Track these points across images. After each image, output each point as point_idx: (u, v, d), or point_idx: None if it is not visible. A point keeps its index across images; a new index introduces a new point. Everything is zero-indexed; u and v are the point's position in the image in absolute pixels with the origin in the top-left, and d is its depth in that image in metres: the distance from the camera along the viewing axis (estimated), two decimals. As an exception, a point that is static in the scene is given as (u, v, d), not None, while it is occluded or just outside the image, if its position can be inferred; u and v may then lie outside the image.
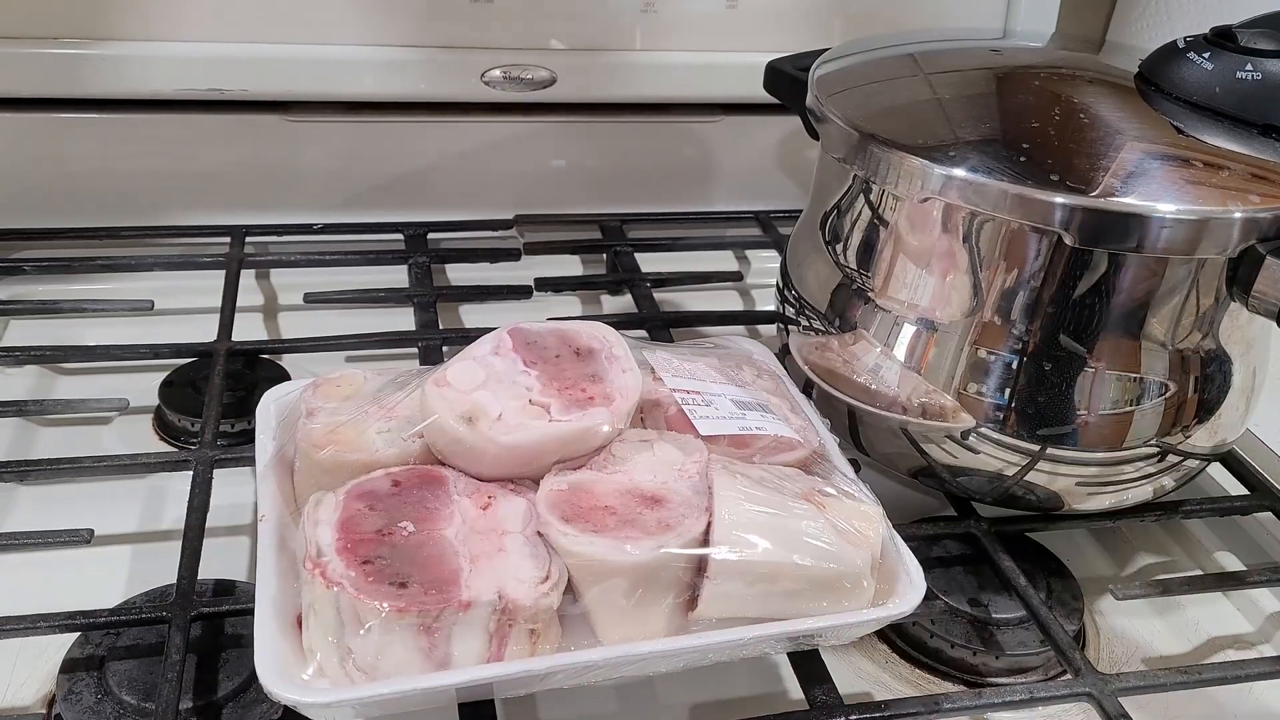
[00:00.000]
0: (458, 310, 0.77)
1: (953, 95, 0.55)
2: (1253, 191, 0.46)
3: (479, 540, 0.41)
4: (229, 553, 0.53)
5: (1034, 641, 0.51)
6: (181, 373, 0.65)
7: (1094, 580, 0.59)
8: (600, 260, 0.82)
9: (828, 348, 0.56)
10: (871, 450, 0.56)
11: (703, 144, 0.85)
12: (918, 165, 0.48)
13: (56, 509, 0.56)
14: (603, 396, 0.45)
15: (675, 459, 0.44)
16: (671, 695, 0.50)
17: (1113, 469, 0.52)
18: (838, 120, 0.52)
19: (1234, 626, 0.57)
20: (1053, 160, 0.47)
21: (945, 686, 0.51)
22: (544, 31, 0.76)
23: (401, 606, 0.37)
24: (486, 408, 0.43)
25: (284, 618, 0.40)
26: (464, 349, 0.47)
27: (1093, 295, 0.48)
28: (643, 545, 0.40)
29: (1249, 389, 0.54)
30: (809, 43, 0.63)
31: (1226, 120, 0.50)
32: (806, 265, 0.59)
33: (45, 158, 0.75)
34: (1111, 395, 0.50)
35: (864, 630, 0.44)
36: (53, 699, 0.46)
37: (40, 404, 0.63)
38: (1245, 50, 0.50)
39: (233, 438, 0.60)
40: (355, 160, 0.79)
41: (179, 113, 0.75)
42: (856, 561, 0.42)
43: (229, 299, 0.68)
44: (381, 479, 0.43)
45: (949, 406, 0.51)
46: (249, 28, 0.72)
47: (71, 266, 0.72)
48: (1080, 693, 0.46)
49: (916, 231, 0.51)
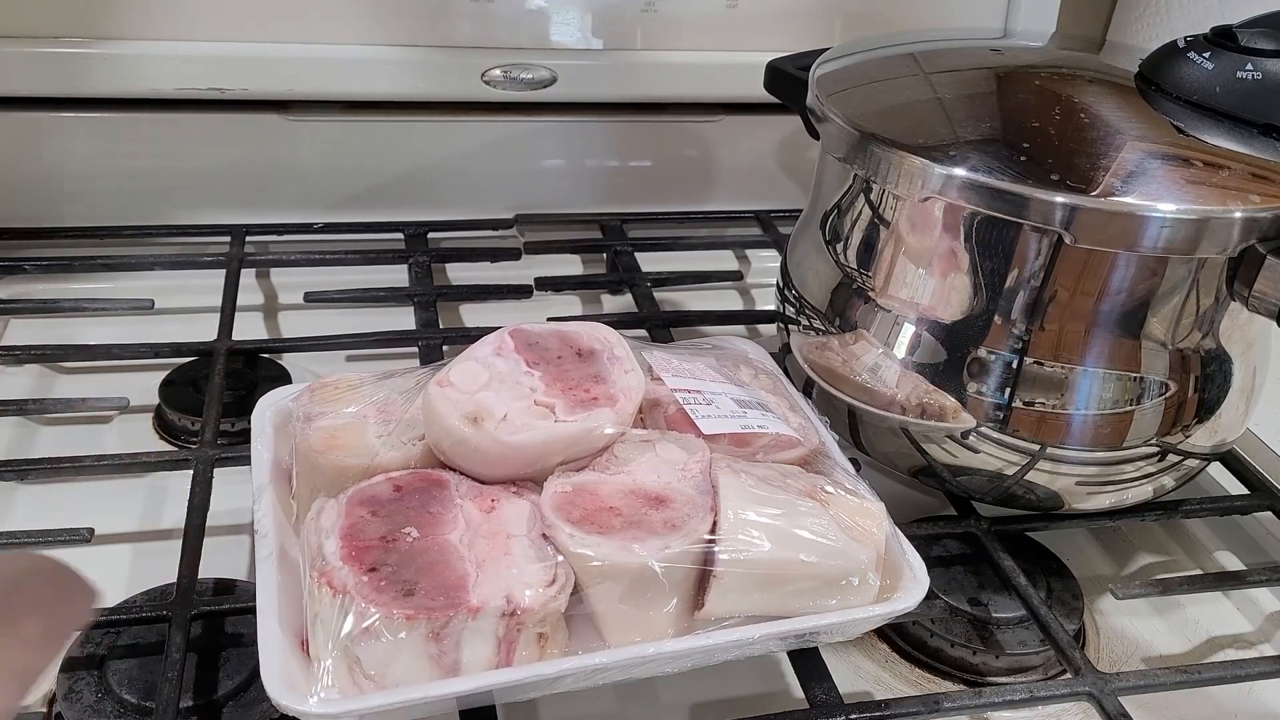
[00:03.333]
0: (458, 310, 0.77)
1: (953, 95, 0.55)
2: (1253, 191, 0.46)
3: (484, 544, 0.41)
4: (229, 552, 0.53)
5: (1034, 641, 0.51)
6: (182, 372, 0.65)
7: (1094, 580, 0.59)
8: (600, 260, 0.82)
9: (828, 347, 0.56)
10: (871, 449, 0.56)
11: (703, 144, 0.85)
12: (918, 165, 0.48)
13: (57, 508, 0.56)
14: (606, 397, 0.45)
15: (678, 458, 0.44)
16: (672, 694, 0.50)
17: (1113, 468, 0.52)
18: (838, 120, 0.52)
19: (1234, 626, 0.57)
20: (1053, 160, 0.47)
21: (945, 686, 0.51)
22: (544, 31, 0.76)
23: (409, 613, 0.37)
24: (491, 408, 0.43)
25: (288, 627, 0.40)
26: (465, 350, 0.47)
27: (1093, 295, 0.48)
28: (649, 546, 0.40)
29: (1249, 389, 0.54)
30: (809, 42, 0.63)
31: (1226, 120, 0.50)
32: (807, 265, 0.59)
33: (45, 158, 0.75)
34: (1111, 395, 0.50)
35: (870, 626, 0.45)
36: (53, 698, 0.46)
37: (40, 403, 0.63)
38: (1245, 50, 0.50)
39: (233, 437, 0.60)
40: (356, 159, 0.79)
41: (179, 112, 0.75)
42: (861, 558, 0.42)
43: (229, 298, 0.68)
44: (383, 484, 0.43)
45: (949, 406, 0.51)
46: (249, 27, 0.72)
47: (71, 266, 0.72)
48: (1080, 692, 0.47)
49: (917, 231, 0.51)
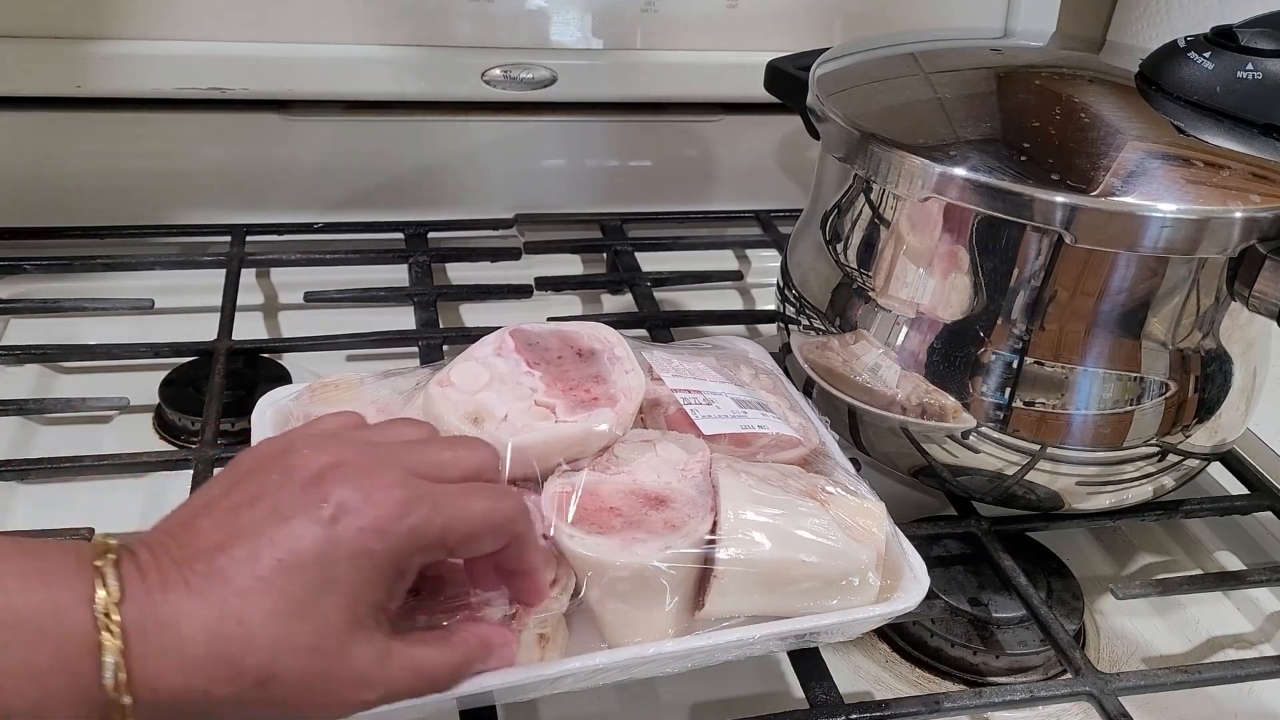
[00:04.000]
0: (458, 309, 0.77)
1: (953, 95, 0.55)
2: (1253, 191, 0.46)
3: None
4: (230, 552, 0.53)
5: (1034, 641, 0.51)
6: (182, 371, 0.65)
7: (1094, 580, 0.59)
8: (600, 259, 0.82)
9: (828, 347, 0.56)
10: (872, 449, 0.56)
11: (703, 144, 0.85)
12: (918, 164, 0.48)
13: (56, 508, 0.56)
14: (607, 397, 0.45)
15: (678, 458, 0.44)
16: (672, 694, 0.50)
17: (1113, 468, 0.52)
18: (838, 120, 0.52)
19: (1234, 626, 0.57)
20: (1053, 160, 0.47)
21: (945, 686, 0.51)
22: (544, 31, 0.76)
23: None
24: (492, 408, 0.43)
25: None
26: (465, 350, 0.47)
27: (1093, 295, 0.48)
28: (649, 546, 0.40)
29: (1249, 389, 0.54)
30: (809, 42, 0.63)
31: (1227, 120, 0.50)
32: (807, 265, 0.59)
33: (45, 157, 0.75)
34: (1112, 395, 0.50)
35: (871, 625, 0.44)
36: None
37: (40, 403, 0.63)
38: (1246, 50, 0.50)
39: (233, 437, 0.60)
40: (356, 159, 0.79)
41: (179, 112, 0.75)
42: (862, 558, 0.42)
43: (229, 298, 0.68)
44: None
45: (949, 406, 0.51)
46: (249, 27, 0.72)
47: (71, 265, 0.72)
48: (1080, 692, 0.47)
49: (917, 231, 0.51)
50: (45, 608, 0.29)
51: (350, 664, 0.32)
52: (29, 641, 0.28)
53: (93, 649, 0.29)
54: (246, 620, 0.30)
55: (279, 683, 0.31)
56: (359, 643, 0.32)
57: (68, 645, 0.29)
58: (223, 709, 0.30)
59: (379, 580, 0.33)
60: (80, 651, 0.29)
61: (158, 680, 0.29)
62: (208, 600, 0.30)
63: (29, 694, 0.28)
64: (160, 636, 0.30)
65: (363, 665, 0.32)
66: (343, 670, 0.32)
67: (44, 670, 0.28)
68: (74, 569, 0.30)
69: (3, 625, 0.28)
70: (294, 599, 0.31)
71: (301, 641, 0.31)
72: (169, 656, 0.30)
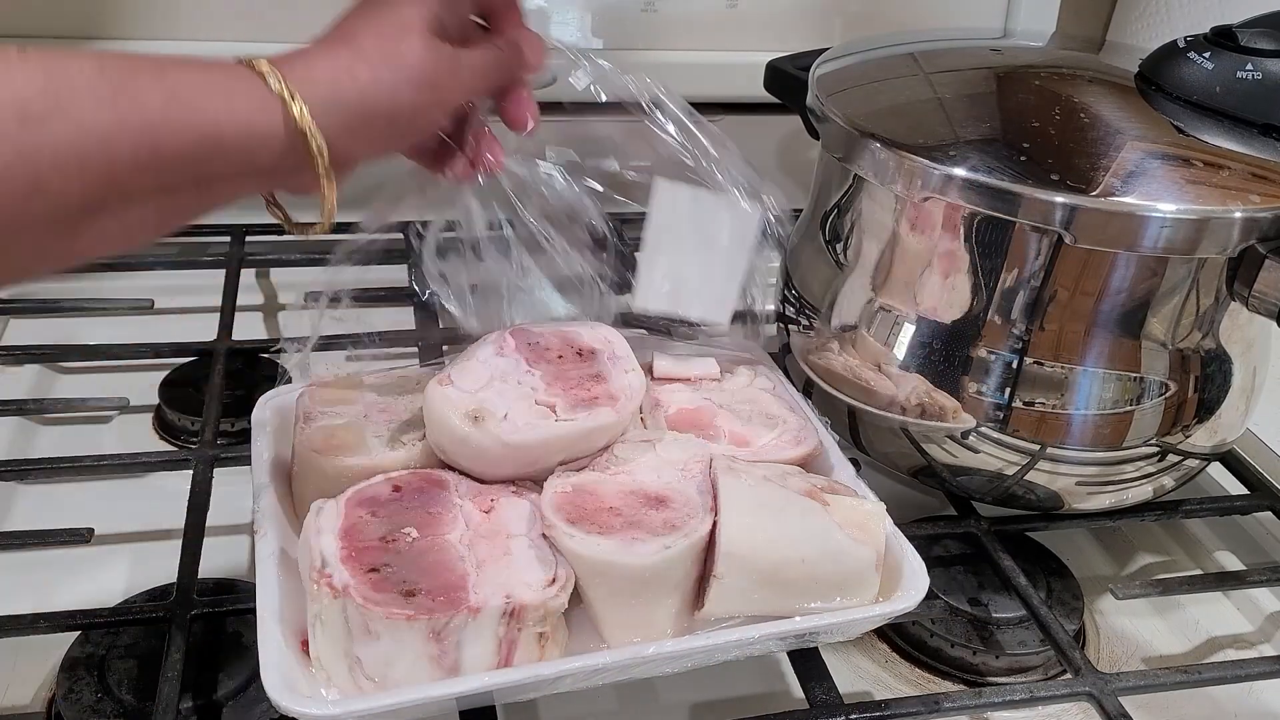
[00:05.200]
0: (458, 309, 0.76)
1: (953, 95, 0.55)
2: (1253, 191, 0.46)
3: (484, 544, 0.41)
4: (229, 552, 0.53)
5: (1034, 641, 0.51)
6: (181, 371, 0.65)
7: (1094, 580, 0.59)
8: (600, 259, 0.82)
9: (828, 347, 0.56)
10: (871, 450, 0.56)
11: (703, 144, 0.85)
12: (918, 165, 0.48)
13: (57, 508, 0.56)
14: (607, 396, 0.45)
15: (678, 459, 0.44)
16: (672, 694, 0.50)
17: (1113, 468, 0.52)
18: (838, 120, 0.52)
19: (1234, 626, 0.57)
20: (1053, 160, 0.47)
21: (945, 686, 0.51)
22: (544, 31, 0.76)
23: (410, 614, 0.37)
24: (493, 407, 0.43)
25: (288, 626, 0.40)
26: (465, 350, 0.47)
27: (1093, 295, 0.48)
28: (649, 546, 0.40)
29: (1249, 389, 0.54)
30: (809, 43, 0.63)
31: (1227, 120, 0.50)
32: (806, 265, 0.59)
33: (45, 157, 0.75)
34: (1111, 395, 0.50)
35: (870, 625, 0.45)
36: (53, 698, 0.46)
37: (40, 403, 0.63)
38: (1245, 50, 0.50)
39: (233, 436, 0.60)
40: (355, 159, 0.79)
41: (179, 112, 0.75)
42: (861, 558, 0.42)
43: (229, 297, 0.68)
44: (382, 484, 0.43)
45: (949, 406, 0.51)
46: (249, 29, 0.72)
47: (71, 265, 0.72)
48: (1080, 692, 0.47)
49: (917, 231, 0.51)
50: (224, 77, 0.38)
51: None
52: (222, 93, 0.38)
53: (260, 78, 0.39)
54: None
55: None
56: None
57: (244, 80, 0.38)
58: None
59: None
60: (254, 78, 0.39)
61: (308, 72, 0.40)
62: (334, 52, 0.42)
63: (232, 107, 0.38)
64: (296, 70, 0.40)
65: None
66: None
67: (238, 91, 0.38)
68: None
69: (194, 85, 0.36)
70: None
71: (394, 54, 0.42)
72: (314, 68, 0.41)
